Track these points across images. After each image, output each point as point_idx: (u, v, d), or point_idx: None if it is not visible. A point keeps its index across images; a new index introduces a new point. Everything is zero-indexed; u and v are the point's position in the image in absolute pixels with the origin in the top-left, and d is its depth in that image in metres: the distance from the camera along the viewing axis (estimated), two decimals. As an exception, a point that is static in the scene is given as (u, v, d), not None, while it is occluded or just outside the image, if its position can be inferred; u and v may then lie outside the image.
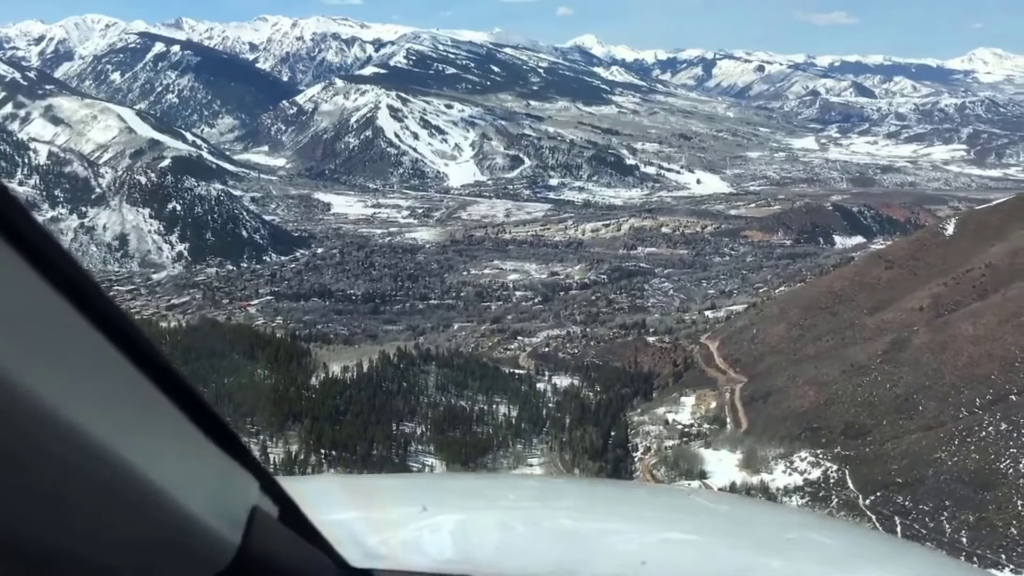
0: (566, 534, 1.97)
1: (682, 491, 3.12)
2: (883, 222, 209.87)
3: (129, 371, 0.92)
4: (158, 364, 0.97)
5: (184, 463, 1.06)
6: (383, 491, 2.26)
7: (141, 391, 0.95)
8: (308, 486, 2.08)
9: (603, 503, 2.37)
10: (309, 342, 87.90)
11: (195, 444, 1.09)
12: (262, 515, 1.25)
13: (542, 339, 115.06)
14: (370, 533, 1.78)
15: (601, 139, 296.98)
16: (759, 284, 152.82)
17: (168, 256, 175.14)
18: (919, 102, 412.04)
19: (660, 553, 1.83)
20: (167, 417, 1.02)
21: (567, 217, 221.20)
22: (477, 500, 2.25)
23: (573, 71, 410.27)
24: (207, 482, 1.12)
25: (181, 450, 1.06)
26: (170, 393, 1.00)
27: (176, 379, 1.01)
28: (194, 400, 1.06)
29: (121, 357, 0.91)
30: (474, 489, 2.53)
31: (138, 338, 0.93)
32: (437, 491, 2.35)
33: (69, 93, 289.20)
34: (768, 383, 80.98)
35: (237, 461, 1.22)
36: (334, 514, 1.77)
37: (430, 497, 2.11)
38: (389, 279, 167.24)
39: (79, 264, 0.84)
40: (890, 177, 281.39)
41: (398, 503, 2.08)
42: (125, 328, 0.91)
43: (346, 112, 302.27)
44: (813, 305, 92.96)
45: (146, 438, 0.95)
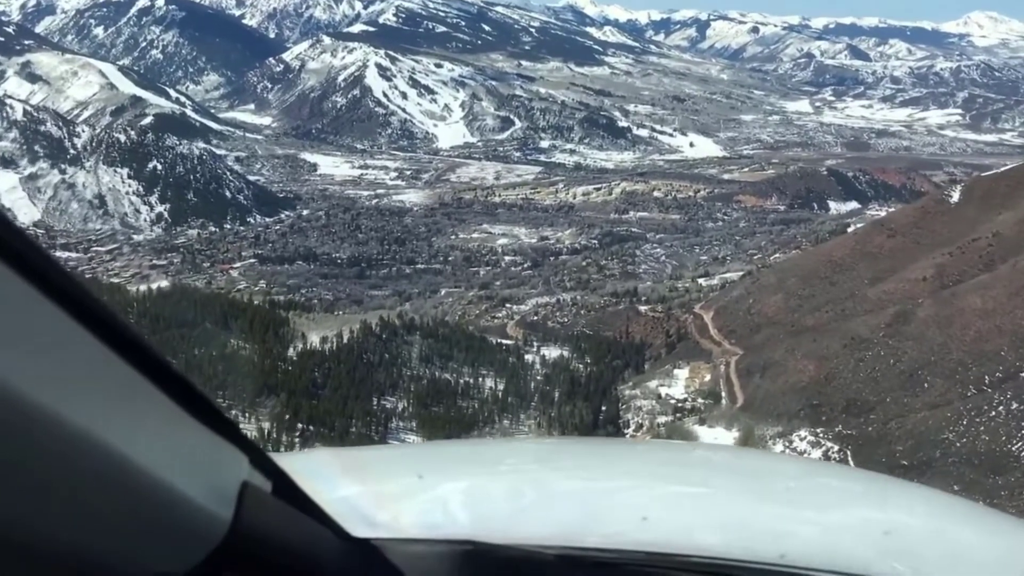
0: (565, 495, 1.96)
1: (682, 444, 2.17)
2: (878, 187, 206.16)
3: (106, 354, 0.91)
4: (135, 344, 0.96)
5: (168, 442, 1.05)
6: (377, 462, 2.26)
7: (120, 373, 0.94)
8: (300, 460, 2.10)
9: (601, 461, 2.35)
10: (288, 310, 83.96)
11: (179, 422, 1.07)
12: (253, 489, 1.24)
13: (531, 307, 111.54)
14: (367, 503, 1.77)
15: (593, 100, 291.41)
16: (753, 250, 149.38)
17: (147, 218, 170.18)
18: (914, 65, 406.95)
19: (661, 508, 1.84)
20: (148, 397, 1.00)
21: (558, 180, 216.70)
22: (473, 466, 2.24)
23: (565, 31, 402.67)
24: (194, 460, 1.11)
25: (164, 429, 1.05)
26: (149, 373, 0.99)
27: (154, 358, 0.99)
28: (175, 378, 1.04)
29: (97, 341, 0.90)
30: (469, 455, 2.54)
31: (112, 320, 0.91)
32: (432, 459, 2.36)
33: (49, 48, 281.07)
34: (765, 356, 77.59)
35: (224, 437, 1.20)
36: (328, 486, 1.77)
37: (425, 465, 2.11)
38: (375, 243, 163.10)
39: (44, 249, 0.83)
40: (885, 141, 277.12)
41: (393, 472, 2.08)
42: (99, 311, 0.89)
43: (334, 70, 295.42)
44: (812, 274, 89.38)
45: (127, 419, 0.95)
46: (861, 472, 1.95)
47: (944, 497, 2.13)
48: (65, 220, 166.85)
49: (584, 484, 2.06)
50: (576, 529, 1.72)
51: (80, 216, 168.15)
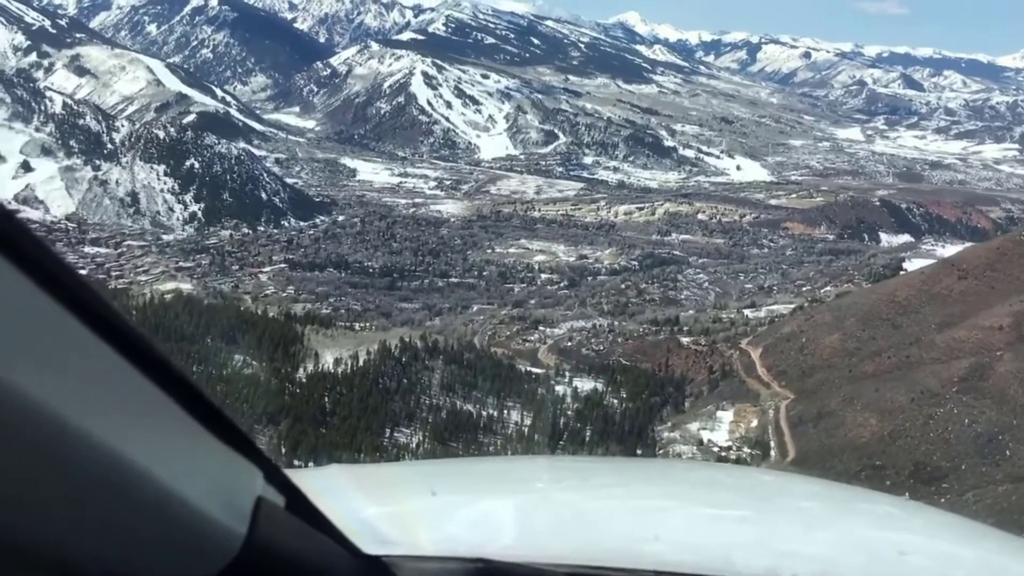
0: (578, 513, 1.95)
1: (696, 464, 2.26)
2: (932, 221, 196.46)
3: (125, 367, 0.92)
4: (154, 357, 0.96)
5: (185, 456, 1.05)
6: (391, 478, 2.23)
7: (138, 387, 0.95)
8: (314, 476, 2.07)
9: (615, 480, 2.34)
10: (305, 324, 77.44)
11: (195, 437, 1.08)
12: (268, 505, 1.24)
13: (565, 331, 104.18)
14: (380, 520, 1.75)
15: (639, 118, 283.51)
16: (801, 281, 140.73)
17: (179, 217, 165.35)
18: (969, 98, 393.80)
19: (672, 526, 1.83)
20: (165, 411, 1.01)
21: (600, 197, 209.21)
22: (487, 483, 2.22)
23: (615, 48, 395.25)
24: (210, 474, 1.11)
25: (181, 443, 1.05)
26: (168, 387, 0.99)
27: (173, 372, 1.00)
28: (193, 392, 1.05)
29: (115, 354, 0.90)
30: (484, 472, 2.51)
31: (132, 333, 0.92)
32: (446, 476, 2.32)
33: (100, 42, 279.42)
34: (819, 403, 69.68)
35: (239, 452, 1.20)
36: (342, 503, 1.74)
37: (439, 482, 2.08)
38: (409, 253, 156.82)
39: (68, 264, 0.84)
40: (939, 174, 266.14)
41: (407, 490, 2.05)
42: (118, 324, 0.90)
43: (380, 76, 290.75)
44: (872, 315, 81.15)
45: (145, 433, 0.95)
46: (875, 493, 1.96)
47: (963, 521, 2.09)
48: (101, 213, 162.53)
49: (596, 502, 2.03)
50: (588, 547, 1.71)
51: (113, 212, 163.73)
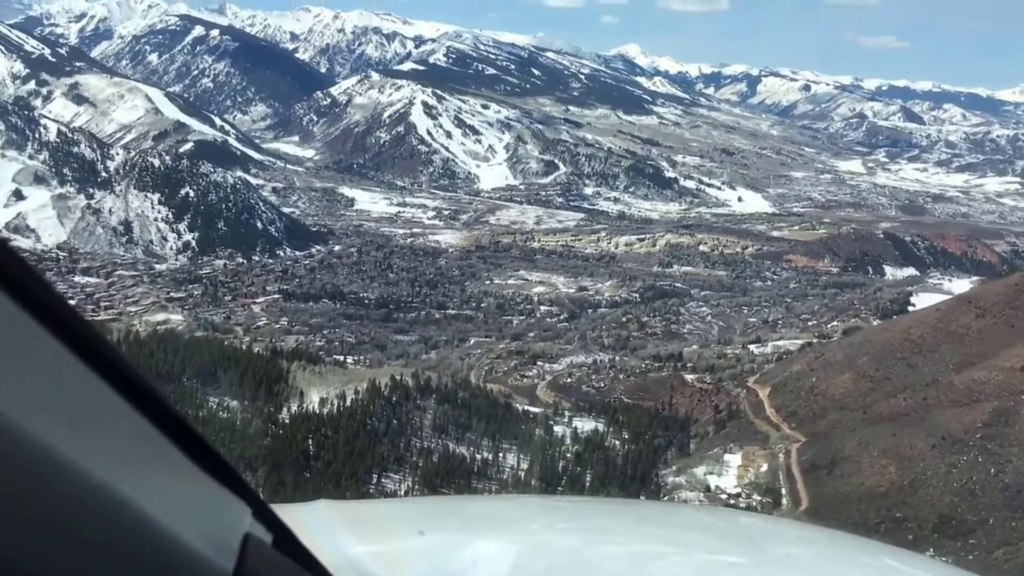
0: (566, 552, 1.93)
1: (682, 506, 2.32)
2: (937, 254, 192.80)
3: (115, 401, 0.92)
4: (144, 391, 0.96)
5: (173, 491, 1.04)
6: (379, 516, 2.20)
7: (128, 420, 0.94)
8: (302, 512, 2.04)
9: (603, 520, 2.31)
10: (292, 360, 73.50)
11: (184, 471, 1.07)
12: (255, 542, 1.23)
13: (564, 366, 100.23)
14: (367, 559, 1.72)
15: (640, 149, 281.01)
16: (806, 315, 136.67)
17: (172, 247, 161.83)
18: (969, 131, 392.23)
19: (660, 566, 1.80)
20: (155, 445, 1.00)
21: (600, 228, 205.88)
22: (478, 524, 2.19)
23: (615, 79, 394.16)
24: (198, 509, 1.11)
25: (170, 478, 1.04)
26: (157, 421, 0.99)
27: (163, 406, 1.00)
28: (182, 427, 1.05)
29: (106, 387, 0.90)
30: (475, 512, 2.48)
31: (123, 366, 0.92)
32: (434, 515, 2.30)
33: (99, 71, 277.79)
34: (833, 447, 65.62)
35: (228, 488, 1.19)
36: (329, 540, 1.71)
37: (429, 521, 2.06)
38: (406, 284, 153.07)
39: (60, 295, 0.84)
40: (942, 206, 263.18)
41: (394, 528, 2.03)
42: (111, 357, 0.90)
43: (380, 106, 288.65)
44: (886, 353, 77.22)
45: (134, 467, 0.94)
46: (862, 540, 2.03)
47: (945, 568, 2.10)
48: (92, 243, 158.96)
49: (584, 541, 2.01)
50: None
51: (106, 241, 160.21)
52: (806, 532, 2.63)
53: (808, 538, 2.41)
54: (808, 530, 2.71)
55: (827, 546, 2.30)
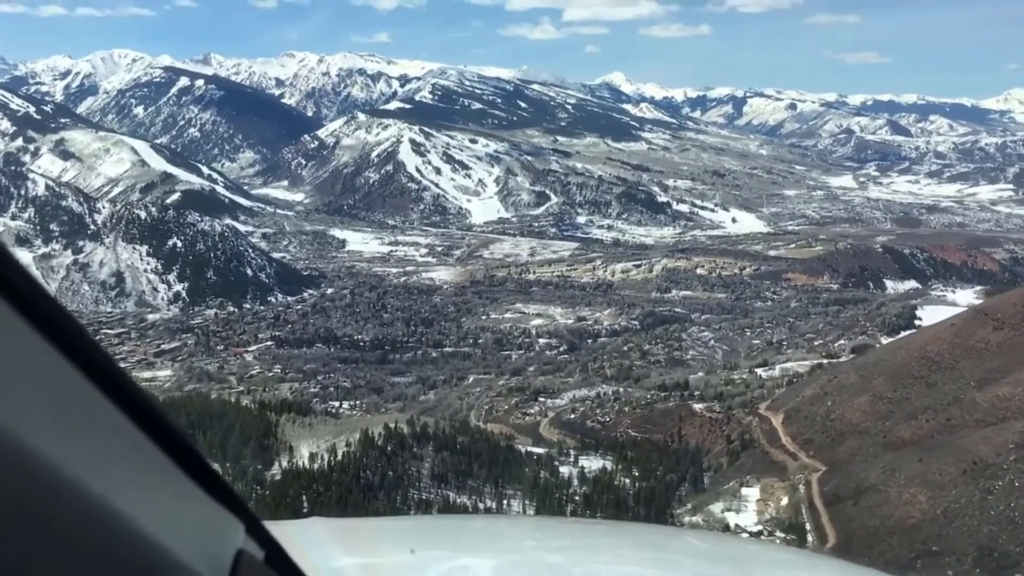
0: (556, 572, 1.91)
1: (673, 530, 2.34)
2: (937, 265, 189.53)
3: (112, 414, 0.91)
4: (141, 406, 0.95)
5: (169, 506, 1.04)
6: (371, 534, 2.20)
7: (124, 434, 0.94)
8: (295, 529, 2.02)
9: (594, 542, 2.31)
10: (280, 413, 69.58)
11: (180, 487, 1.07)
12: (248, 558, 1.22)
13: (567, 401, 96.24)
14: (358, 574, 1.72)
15: (631, 175, 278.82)
16: (811, 335, 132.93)
17: (164, 297, 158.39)
18: (958, 141, 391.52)
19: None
20: (151, 460, 0.99)
21: (595, 257, 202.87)
22: (466, 542, 2.20)
23: (601, 108, 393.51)
24: (192, 525, 1.10)
25: (166, 493, 1.04)
26: (153, 435, 0.98)
27: (159, 421, 0.99)
28: (178, 442, 1.04)
29: (104, 400, 0.89)
30: (463, 531, 2.48)
31: (122, 380, 0.92)
32: (426, 533, 2.30)
33: (84, 126, 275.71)
34: (856, 476, 61.54)
35: (222, 504, 1.20)
36: (322, 557, 1.70)
37: (419, 539, 2.06)
38: (401, 323, 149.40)
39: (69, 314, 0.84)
40: (937, 217, 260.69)
41: (387, 546, 2.01)
42: (110, 371, 0.90)
43: (368, 146, 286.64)
44: (902, 372, 73.40)
45: (129, 481, 0.93)
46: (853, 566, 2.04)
47: None
48: (78, 301, 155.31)
49: (575, 562, 2.00)
50: None
51: (91, 298, 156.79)
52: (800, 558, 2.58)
53: (800, 563, 2.37)
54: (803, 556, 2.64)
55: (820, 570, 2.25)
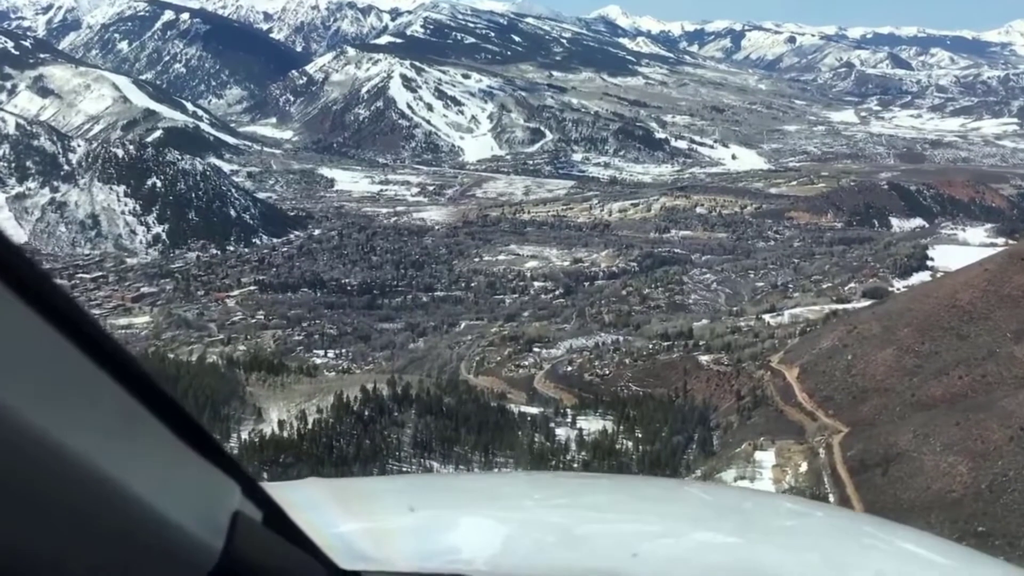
0: (556, 529, 1.90)
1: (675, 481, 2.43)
2: (944, 202, 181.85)
3: (104, 380, 0.90)
4: (132, 371, 0.95)
5: (162, 469, 1.02)
6: (369, 493, 2.20)
7: (117, 399, 0.93)
8: (292, 490, 2.03)
9: (594, 496, 2.31)
10: (250, 371, 62.71)
11: (173, 450, 1.05)
12: (245, 519, 1.21)
13: (563, 352, 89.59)
14: (358, 535, 1.72)
15: (628, 111, 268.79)
16: (817, 276, 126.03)
17: (143, 239, 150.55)
18: (959, 74, 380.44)
19: (651, 544, 1.80)
20: (143, 424, 0.98)
21: (592, 195, 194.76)
22: (465, 498, 2.20)
23: (598, 42, 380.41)
24: (187, 488, 1.09)
25: (159, 456, 1.02)
26: (145, 399, 0.97)
27: (151, 384, 0.98)
28: (170, 405, 1.03)
29: (94, 366, 0.88)
30: (462, 487, 2.48)
31: (111, 345, 0.90)
32: (424, 491, 2.29)
33: (64, 62, 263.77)
34: (883, 440, 55.01)
35: (217, 466, 1.17)
36: (320, 517, 1.71)
37: (417, 497, 2.06)
38: (391, 266, 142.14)
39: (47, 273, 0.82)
40: (941, 152, 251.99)
41: (385, 504, 2.02)
42: (98, 336, 0.88)
43: (357, 82, 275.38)
44: (930, 323, 66.60)
45: (123, 445, 0.93)
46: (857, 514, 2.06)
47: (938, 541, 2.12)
48: (54, 243, 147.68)
49: (575, 518, 2.00)
50: (566, 563, 1.67)
51: (68, 240, 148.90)
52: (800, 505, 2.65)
53: (803, 512, 2.41)
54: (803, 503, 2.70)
55: (825, 520, 2.28)
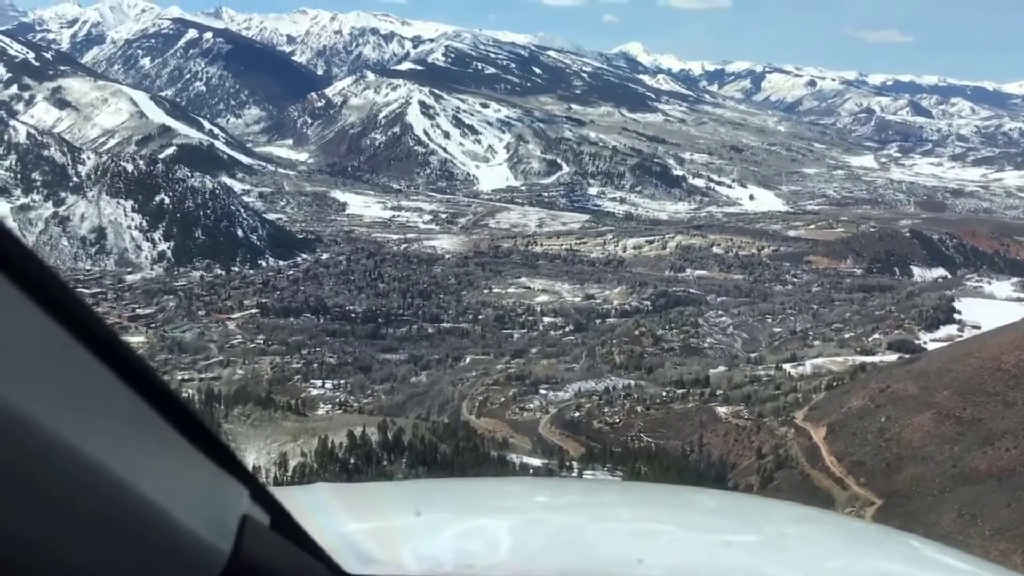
0: (562, 534, 1.91)
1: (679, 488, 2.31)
2: (967, 253, 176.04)
3: (114, 382, 0.90)
4: (142, 373, 0.94)
5: (172, 473, 1.03)
6: (376, 497, 2.19)
7: (126, 402, 0.93)
8: (300, 494, 2.04)
9: (600, 502, 2.31)
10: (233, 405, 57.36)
11: (183, 454, 1.05)
12: (253, 523, 1.21)
13: (571, 395, 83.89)
14: (364, 539, 1.72)
15: (646, 147, 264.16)
16: (837, 324, 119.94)
17: (148, 256, 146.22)
18: (980, 124, 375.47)
19: (656, 551, 1.79)
20: (154, 427, 0.99)
21: (606, 230, 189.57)
22: (471, 502, 2.19)
23: (618, 77, 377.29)
24: (196, 491, 1.09)
25: (169, 460, 1.03)
26: (155, 402, 0.97)
27: (160, 387, 0.98)
28: (180, 409, 1.03)
29: (105, 369, 0.88)
30: (468, 492, 2.47)
31: (122, 349, 0.90)
32: (431, 495, 2.28)
33: (84, 75, 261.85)
34: (922, 518, 49.17)
35: (226, 470, 1.17)
36: (327, 521, 1.72)
37: (424, 502, 2.05)
38: (397, 295, 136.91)
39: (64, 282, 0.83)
40: (962, 202, 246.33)
41: (392, 509, 2.01)
42: (109, 340, 0.88)
43: (375, 107, 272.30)
44: (972, 386, 60.83)
45: (134, 449, 0.93)
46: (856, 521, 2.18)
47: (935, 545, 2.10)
48: (55, 257, 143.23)
49: (581, 524, 1.99)
50: (571, 569, 1.67)
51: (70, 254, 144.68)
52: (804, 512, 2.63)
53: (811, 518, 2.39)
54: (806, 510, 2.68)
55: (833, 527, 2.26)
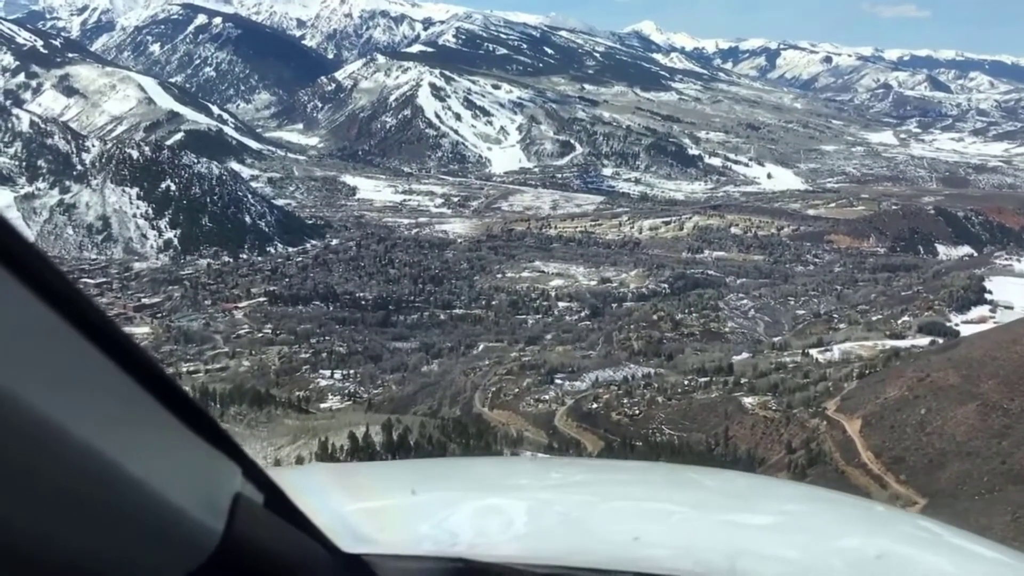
0: (558, 513, 1.88)
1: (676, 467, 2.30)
2: (993, 230, 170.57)
3: (104, 363, 0.88)
4: (133, 354, 0.93)
5: (164, 452, 1.01)
6: (371, 477, 2.18)
7: (118, 383, 0.91)
8: (294, 474, 2.02)
9: (595, 481, 2.31)
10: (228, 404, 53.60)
11: (174, 433, 1.03)
12: (246, 502, 1.19)
13: (588, 385, 79.77)
14: (359, 518, 1.69)
15: (661, 126, 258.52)
16: (863, 306, 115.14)
17: (154, 244, 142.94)
18: (1000, 99, 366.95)
19: (653, 528, 1.79)
20: (144, 407, 0.97)
21: (621, 212, 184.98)
22: (467, 483, 2.19)
23: (631, 56, 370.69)
24: (188, 470, 1.07)
25: (160, 439, 1.01)
26: (147, 382, 0.96)
27: (152, 368, 0.96)
28: (172, 388, 1.01)
29: (95, 349, 0.87)
30: (463, 472, 2.46)
31: (112, 329, 0.89)
32: (426, 475, 2.27)
33: (92, 62, 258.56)
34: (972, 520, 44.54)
35: (218, 449, 1.15)
36: (322, 500, 1.70)
37: (419, 481, 2.04)
38: (408, 280, 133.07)
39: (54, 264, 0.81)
40: (986, 177, 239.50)
41: (387, 488, 2.00)
42: (99, 321, 0.87)
43: (386, 90, 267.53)
44: (1020, 375, 56.28)
45: (124, 428, 0.92)
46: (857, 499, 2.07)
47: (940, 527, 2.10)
48: (60, 246, 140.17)
49: (576, 503, 1.99)
50: (567, 548, 1.68)
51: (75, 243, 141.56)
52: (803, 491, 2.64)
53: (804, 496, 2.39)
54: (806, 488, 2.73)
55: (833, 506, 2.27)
